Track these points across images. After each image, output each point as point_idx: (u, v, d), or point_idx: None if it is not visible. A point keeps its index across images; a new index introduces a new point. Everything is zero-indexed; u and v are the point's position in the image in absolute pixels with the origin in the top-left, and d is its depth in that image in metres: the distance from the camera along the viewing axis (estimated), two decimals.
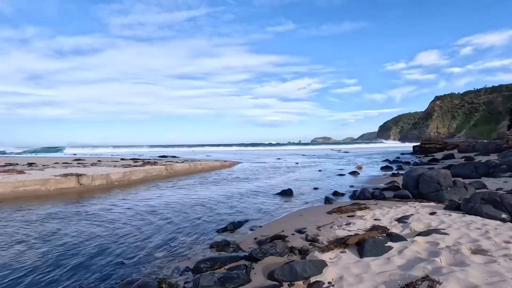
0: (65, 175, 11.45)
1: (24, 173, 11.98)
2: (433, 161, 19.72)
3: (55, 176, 11.22)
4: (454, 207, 5.96)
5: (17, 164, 16.65)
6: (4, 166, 15.02)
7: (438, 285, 2.70)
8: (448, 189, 7.37)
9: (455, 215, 5.45)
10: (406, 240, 4.18)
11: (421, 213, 5.80)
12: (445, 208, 6.10)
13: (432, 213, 5.70)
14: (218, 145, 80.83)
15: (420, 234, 4.41)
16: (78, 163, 17.61)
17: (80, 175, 11.56)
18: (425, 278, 2.86)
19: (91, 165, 16.45)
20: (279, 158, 28.88)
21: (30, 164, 16.45)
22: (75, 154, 37.61)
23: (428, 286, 2.69)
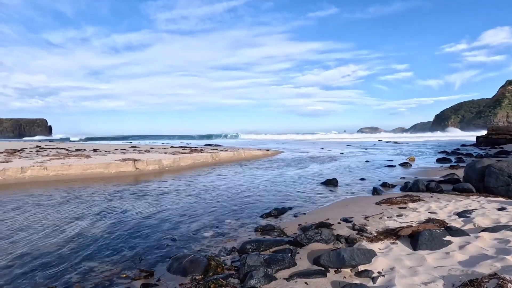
0: (124, 160, 12.60)
1: (90, 157, 13.48)
2: (501, 154, 17.40)
3: (115, 160, 12.42)
4: None
5: (85, 149, 18.79)
6: (75, 151, 17.09)
7: (510, 284, 2.40)
8: None
9: None
10: (469, 236, 3.79)
11: (487, 208, 5.19)
12: None
13: (501, 209, 5.06)
14: (259, 134, 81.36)
15: (486, 230, 3.96)
16: (134, 150, 19.22)
17: (136, 160, 12.62)
18: (494, 275, 2.56)
19: (145, 151, 17.83)
20: (322, 148, 28.13)
21: (95, 150, 18.46)
22: (131, 142, 41.10)
23: (498, 285, 2.40)
